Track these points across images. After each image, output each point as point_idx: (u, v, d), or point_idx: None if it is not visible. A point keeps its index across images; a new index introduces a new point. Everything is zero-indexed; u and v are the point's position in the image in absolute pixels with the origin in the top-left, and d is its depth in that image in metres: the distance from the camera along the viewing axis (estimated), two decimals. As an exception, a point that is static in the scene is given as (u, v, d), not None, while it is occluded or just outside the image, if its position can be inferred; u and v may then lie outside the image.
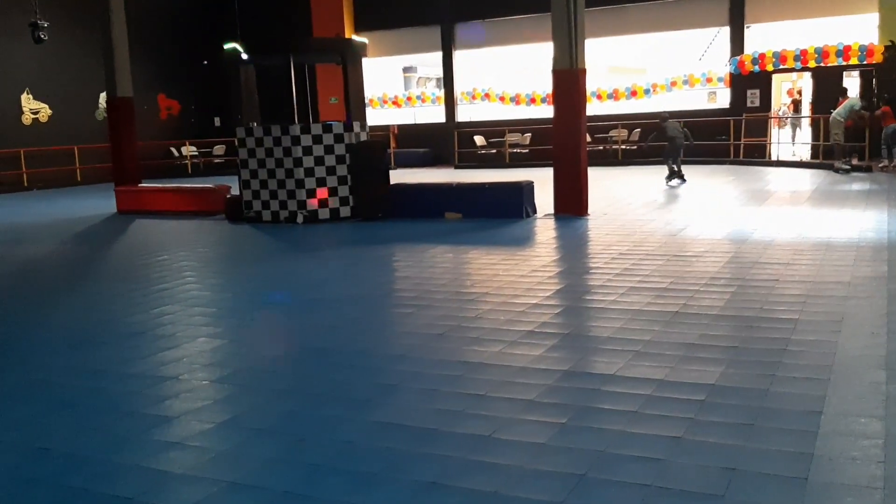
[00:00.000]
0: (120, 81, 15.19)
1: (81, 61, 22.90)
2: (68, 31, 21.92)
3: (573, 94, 11.25)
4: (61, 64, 22.77)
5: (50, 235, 12.23)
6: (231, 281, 8.21)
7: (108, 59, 15.23)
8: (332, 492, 3.13)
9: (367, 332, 5.66)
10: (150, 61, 23.79)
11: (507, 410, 3.87)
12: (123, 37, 15.24)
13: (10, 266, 9.56)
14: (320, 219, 11.86)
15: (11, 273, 9.05)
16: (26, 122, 22.50)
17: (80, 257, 10.19)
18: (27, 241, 11.79)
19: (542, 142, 21.10)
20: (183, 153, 25.76)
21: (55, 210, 16.08)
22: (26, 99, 22.48)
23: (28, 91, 22.46)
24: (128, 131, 15.48)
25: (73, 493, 3.23)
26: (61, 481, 3.35)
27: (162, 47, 25.33)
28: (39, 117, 22.80)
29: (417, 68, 29.21)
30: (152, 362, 5.05)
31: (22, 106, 22.39)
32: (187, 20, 26.74)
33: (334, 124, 12.03)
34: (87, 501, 3.16)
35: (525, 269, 7.53)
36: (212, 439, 3.77)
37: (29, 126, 22.52)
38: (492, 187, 11.79)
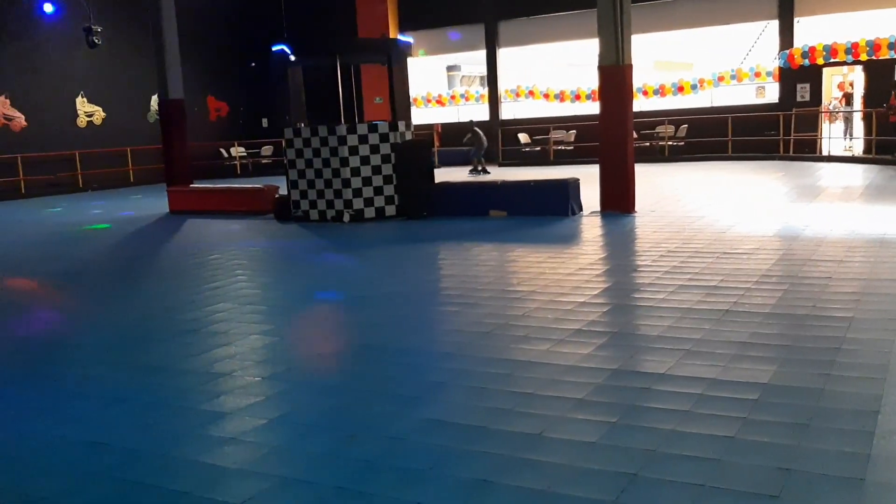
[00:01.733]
0: (171, 84, 15.49)
1: (134, 65, 23.42)
2: (121, 36, 22.44)
3: (619, 90, 11.16)
4: (114, 68, 23.32)
5: (105, 235, 12.53)
6: (281, 279, 8.33)
7: (159, 63, 15.54)
8: (382, 487, 3.16)
9: (414, 330, 5.70)
10: (200, 64, 24.21)
11: (557, 409, 3.86)
12: (174, 40, 15.54)
13: (67, 264, 9.82)
14: (366, 218, 11.95)
15: (69, 271, 9.30)
16: (81, 124, 23.10)
17: (134, 256, 10.43)
18: (84, 240, 12.10)
19: (587, 139, 20.99)
20: (232, 154, 26.17)
21: (110, 210, 16.47)
22: (81, 102, 23.08)
23: (83, 94, 23.07)
24: (179, 133, 15.78)
25: (132, 487, 3.31)
26: (120, 475, 3.44)
27: (211, 50, 25.76)
28: (94, 120, 23.39)
29: (461, 67, 29.21)
30: (206, 359, 5.15)
31: (77, 109, 23.00)
32: (235, 23, 27.15)
33: (380, 124, 12.11)
34: (145, 495, 3.24)
35: (571, 266, 7.50)
36: (264, 435, 3.84)
37: (84, 128, 23.13)
38: (537, 185, 11.75)
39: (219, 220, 13.58)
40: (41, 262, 10.11)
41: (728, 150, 20.57)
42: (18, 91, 21.43)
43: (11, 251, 11.39)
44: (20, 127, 21.57)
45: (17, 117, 21.52)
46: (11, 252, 11.28)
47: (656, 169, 18.33)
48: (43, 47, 21.92)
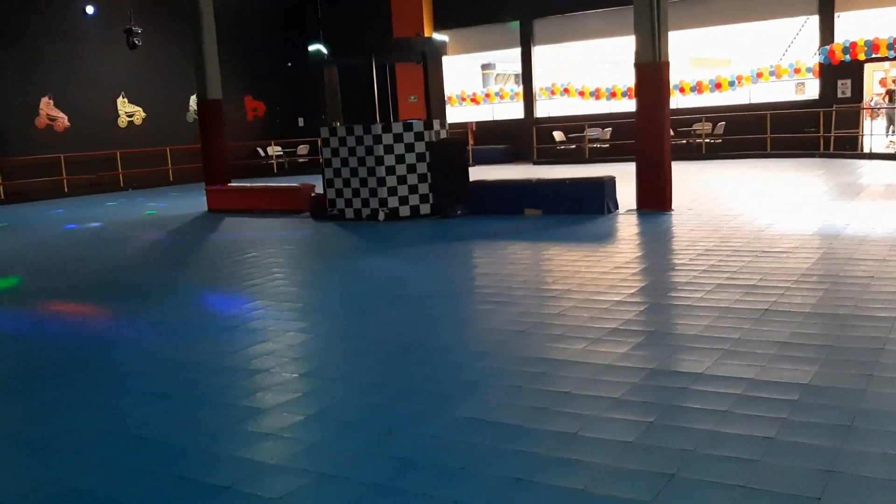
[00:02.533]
0: (210, 84, 15.69)
1: (173, 66, 23.76)
2: (160, 37, 22.77)
3: (656, 88, 11.06)
4: (154, 68, 23.69)
5: (145, 233, 12.74)
6: (317, 277, 8.40)
7: (198, 63, 15.75)
8: (419, 485, 3.18)
9: (449, 328, 5.72)
10: (238, 64, 24.48)
11: (593, 408, 3.85)
12: (213, 41, 15.73)
13: (109, 262, 10.00)
14: (401, 216, 12.00)
15: (111, 268, 9.47)
16: (122, 124, 23.51)
17: (174, 254, 10.59)
18: (124, 238, 12.31)
19: (623, 136, 20.83)
20: (268, 153, 26.44)
21: (150, 209, 16.74)
22: (122, 103, 23.50)
23: (123, 95, 23.48)
24: (217, 133, 15.98)
25: (174, 482, 3.37)
26: (162, 470, 3.51)
27: (248, 50, 26.04)
28: (134, 120, 23.79)
29: (496, 65, 29.18)
30: (245, 356, 5.22)
31: (118, 109, 23.42)
32: (272, 23, 27.42)
33: (415, 122, 12.15)
34: (187, 490, 3.29)
35: (608, 265, 7.46)
36: (302, 431, 3.88)
37: (124, 128, 23.53)
38: (572, 183, 11.70)
39: (256, 218, 13.73)
40: (84, 262, 10.31)
41: (767, 148, 20.29)
42: (61, 92, 21.88)
43: (58, 250, 11.63)
44: (63, 127, 22.01)
45: (60, 118, 21.97)
46: (60, 250, 11.52)
47: (693, 167, 18.13)
48: (85, 49, 22.35)
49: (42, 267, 9.92)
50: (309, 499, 3.14)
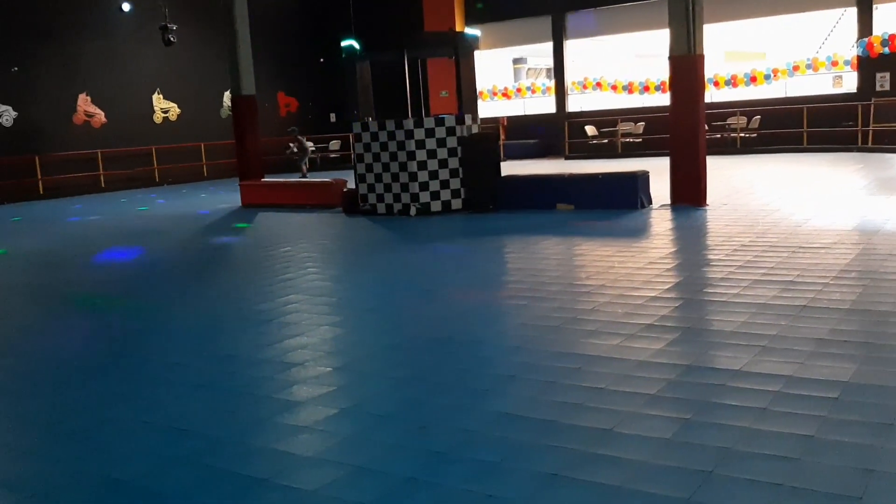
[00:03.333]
0: (244, 80, 15.82)
1: (207, 62, 24.02)
2: (195, 34, 23.02)
3: (691, 81, 10.95)
4: (189, 65, 23.97)
5: (180, 228, 12.91)
6: (350, 271, 8.45)
7: (232, 60, 15.89)
8: (454, 479, 3.18)
9: (481, 323, 5.72)
10: (271, 60, 24.67)
11: (628, 404, 3.83)
12: (246, 37, 15.86)
13: (147, 256, 10.15)
14: (432, 211, 12.01)
15: (149, 263, 9.61)
16: (157, 120, 23.82)
17: (209, 249, 10.71)
18: (162, 233, 12.48)
19: (656, 131, 20.64)
20: (300, 148, 26.57)
21: (185, 204, 16.96)
22: (157, 99, 23.80)
23: (159, 91, 23.78)
24: (251, 128, 16.11)
25: (213, 473, 3.42)
26: (201, 461, 3.55)
27: (281, 46, 26.22)
28: (169, 116, 24.09)
29: (527, 59, 29.06)
30: (279, 349, 5.27)
31: (153, 105, 23.72)
32: (304, 19, 27.57)
33: (446, 117, 12.15)
34: (225, 481, 3.33)
35: (642, 260, 7.41)
36: (337, 424, 3.90)
37: (160, 124, 23.85)
38: (605, 177, 11.62)
39: (289, 213, 13.84)
40: (123, 254, 10.46)
41: (803, 142, 19.98)
42: (98, 89, 22.22)
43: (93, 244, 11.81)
44: (100, 123, 22.36)
45: (97, 114, 22.32)
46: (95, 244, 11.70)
47: (728, 161, 17.92)
48: (121, 45, 22.67)
49: (76, 261, 10.09)
50: (345, 491, 3.16)
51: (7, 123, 20.45)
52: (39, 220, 15.64)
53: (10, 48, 20.32)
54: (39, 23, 20.89)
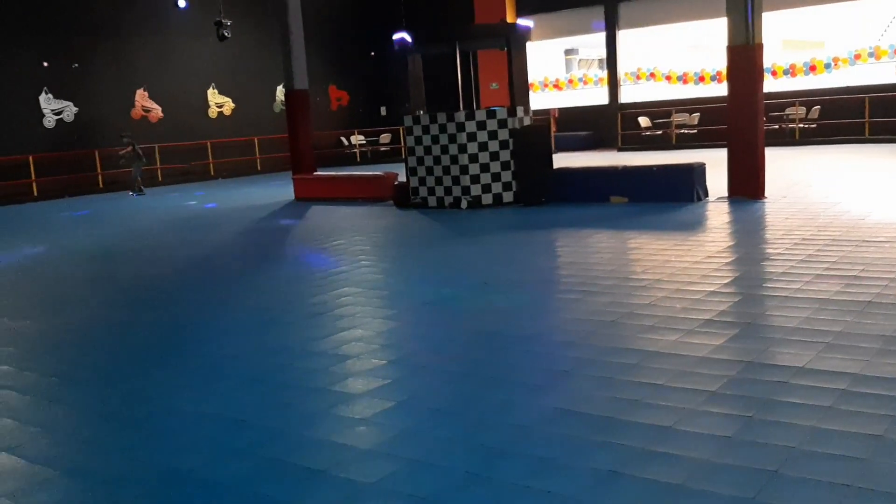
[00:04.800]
0: (296, 75, 15.98)
1: (261, 57, 24.34)
2: (249, 29, 23.31)
3: (749, 71, 10.70)
4: (243, 60, 24.32)
5: (235, 221, 13.10)
6: (402, 264, 8.47)
7: (285, 54, 16.05)
8: (511, 475, 3.16)
9: (535, 318, 5.67)
10: (322, 54, 24.89)
11: (688, 401, 3.76)
12: (300, 32, 16.00)
13: (203, 249, 10.32)
14: (483, 204, 11.98)
15: (205, 256, 9.78)
16: (212, 115, 24.22)
17: (263, 242, 10.85)
18: (217, 226, 12.69)
19: (711, 122, 20.27)
20: (352, 142, 26.80)
21: (239, 197, 17.21)
22: (212, 94, 24.20)
23: (213, 86, 24.17)
24: (304, 122, 16.27)
25: (271, 464, 3.45)
26: (259, 452, 3.59)
27: (333, 41, 26.42)
28: (224, 111, 24.47)
29: (579, 50, 28.77)
30: (334, 341, 5.31)
31: (208, 100, 24.13)
32: (355, 13, 27.73)
33: (498, 110, 12.09)
34: (284, 472, 3.37)
35: (699, 254, 7.27)
36: (393, 417, 3.91)
37: (214, 119, 24.24)
38: (660, 170, 11.44)
39: (341, 206, 13.94)
40: (174, 249, 10.67)
41: (865, 133, 19.39)
42: (155, 84, 22.68)
43: (151, 237, 12.07)
44: (157, 118, 22.82)
45: (154, 109, 22.78)
46: (165, 235, 11.96)
47: (787, 152, 17.49)
48: (177, 41, 23.09)
49: (134, 253, 10.31)
50: (402, 485, 3.17)
51: (68, 119, 21.00)
52: (102, 213, 16.03)
53: (71, 45, 20.84)
54: (98, 20, 21.39)
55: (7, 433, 4.06)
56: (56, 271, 9.32)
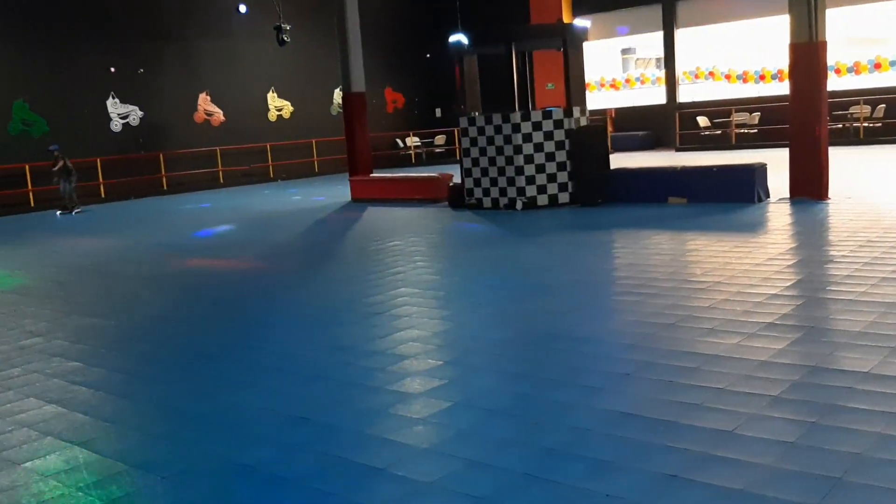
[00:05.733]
0: (354, 78, 16.16)
1: (319, 60, 24.70)
2: (307, 33, 23.66)
3: (812, 69, 10.45)
4: (301, 64, 24.72)
5: (295, 222, 13.32)
6: (458, 265, 8.50)
7: (343, 58, 16.25)
8: (570, 476, 3.17)
9: (593, 319, 5.65)
10: (378, 57, 25.11)
11: (750, 406, 3.71)
12: (357, 36, 16.19)
13: (263, 249, 10.52)
14: (539, 205, 11.95)
15: (265, 256, 9.97)
16: (272, 118, 24.67)
17: (322, 242, 11.01)
18: (277, 227, 12.92)
19: (773, 121, 19.84)
20: (407, 143, 26.99)
21: (298, 198, 17.49)
22: (272, 97, 24.65)
23: (273, 90, 24.60)
24: (361, 125, 16.44)
25: (332, 461, 3.52)
26: (320, 448, 3.67)
27: (389, 43, 26.64)
28: (283, 114, 24.90)
29: (636, 49, 28.43)
30: (391, 341, 5.37)
31: (268, 104, 24.58)
32: (411, 15, 27.92)
33: (554, 110, 12.05)
34: (344, 469, 3.43)
35: (760, 256, 7.14)
36: (450, 417, 3.95)
37: (274, 122, 24.68)
38: (720, 170, 11.26)
39: (396, 207, 14.05)
40: (237, 249, 10.89)
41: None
42: (217, 88, 23.20)
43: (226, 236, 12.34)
44: (219, 122, 23.33)
45: (216, 112, 23.30)
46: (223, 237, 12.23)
47: (851, 152, 17.02)
48: (238, 46, 23.57)
49: (200, 252, 10.57)
50: (460, 484, 3.20)
51: (134, 123, 21.61)
52: (165, 213, 16.46)
53: (137, 51, 21.44)
54: (163, 26, 21.96)
55: (80, 427, 4.22)
56: (125, 269, 9.61)
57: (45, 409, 4.55)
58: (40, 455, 3.86)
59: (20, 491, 3.47)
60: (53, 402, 4.66)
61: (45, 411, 4.51)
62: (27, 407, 4.60)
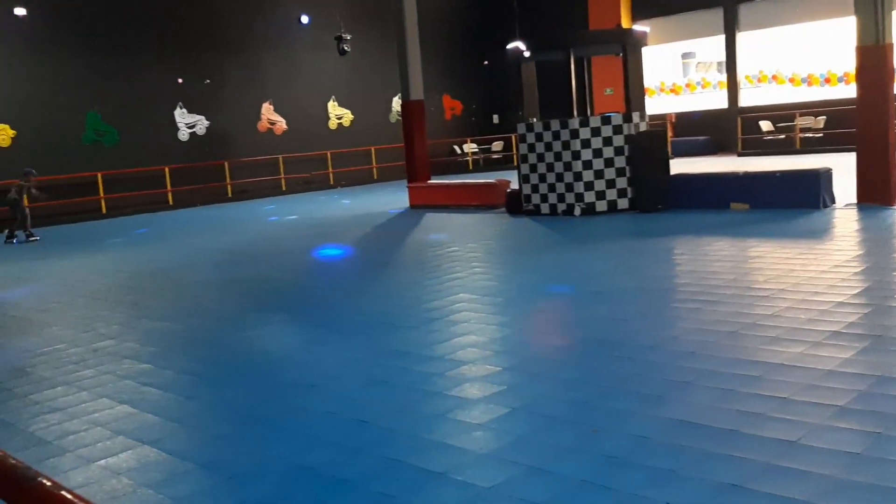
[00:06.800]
0: (412, 86, 16.32)
1: (378, 69, 25.03)
2: (367, 43, 24.00)
3: (879, 72, 10.19)
4: (361, 73, 25.07)
5: (354, 228, 13.50)
6: (516, 271, 8.52)
7: (402, 66, 16.43)
8: (630, 485, 3.16)
9: (652, 327, 5.60)
10: (437, 65, 25.31)
11: (815, 416, 3.64)
12: (416, 45, 16.35)
13: (323, 255, 10.69)
14: (597, 211, 11.88)
15: (325, 262, 10.13)
16: (332, 126, 25.07)
17: (381, 248, 11.14)
18: (336, 233, 13.10)
19: (839, 125, 19.35)
20: (464, 150, 27.09)
21: (357, 205, 17.72)
22: (332, 106, 25.05)
23: (334, 98, 25.00)
24: (419, 132, 16.59)
25: (391, 465, 3.58)
26: (380, 452, 3.73)
27: (447, 51, 26.83)
28: (343, 122, 25.28)
29: (697, 53, 28.02)
30: (450, 346, 5.41)
31: (329, 112, 24.98)
32: (469, 23, 28.06)
33: (613, 116, 11.98)
34: (404, 472, 3.48)
35: (825, 263, 6.98)
36: (509, 423, 3.97)
37: (334, 130, 25.07)
38: (783, 175, 11.03)
39: (454, 213, 14.12)
40: (296, 254, 11.09)
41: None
42: (280, 97, 23.68)
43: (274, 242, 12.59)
44: (282, 130, 23.80)
45: (279, 121, 23.78)
46: (275, 241, 12.48)
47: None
48: (300, 56, 24.03)
49: (263, 258, 10.79)
50: (519, 490, 3.22)
51: (201, 132, 22.20)
52: (232, 219, 16.85)
53: (203, 62, 22.03)
54: (228, 38, 22.52)
55: (150, 427, 4.37)
56: (192, 274, 9.88)
57: (117, 409, 4.72)
58: (113, 453, 4.01)
59: (94, 488, 3.61)
60: (125, 402, 4.83)
61: (116, 411, 4.68)
62: (100, 407, 4.78)
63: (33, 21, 19.24)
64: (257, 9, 23.10)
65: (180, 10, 21.54)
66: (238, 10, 22.72)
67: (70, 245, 14.44)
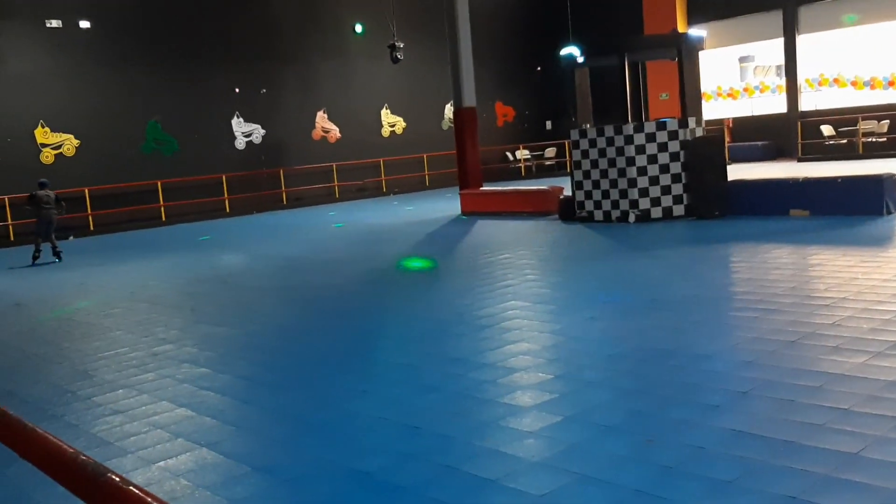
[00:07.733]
0: (465, 93, 16.37)
1: (430, 77, 25.17)
2: (419, 51, 24.15)
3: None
4: (413, 80, 25.25)
5: (407, 235, 13.57)
6: (569, 279, 8.46)
7: (454, 74, 16.49)
8: (685, 495, 3.11)
9: (710, 336, 5.51)
10: (489, 72, 25.35)
11: (877, 427, 3.54)
12: (468, 53, 16.41)
13: (377, 262, 10.78)
14: (652, 218, 11.73)
15: (379, 269, 10.21)
16: (385, 134, 25.29)
17: (433, 255, 11.18)
18: (389, 240, 13.20)
19: (905, 129, 18.76)
20: (517, 157, 27.04)
21: (410, 212, 17.82)
22: (385, 114, 25.28)
23: (387, 106, 25.23)
24: (471, 139, 16.62)
25: (443, 471, 3.59)
26: (432, 458, 3.74)
27: (499, 58, 26.86)
28: (395, 130, 25.49)
29: (755, 56, 27.50)
30: (502, 354, 5.41)
31: (381, 120, 25.21)
32: (521, 29, 28.05)
33: (668, 121, 11.83)
34: (456, 479, 3.49)
35: (889, 272, 6.78)
36: (562, 432, 3.95)
37: (387, 138, 25.28)
38: (845, 181, 10.75)
39: (506, 220, 14.10)
40: (352, 262, 11.20)
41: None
42: (334, 106, 23.99)
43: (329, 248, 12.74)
44: (335, 139, 24.10)
45: (332, 129, 24.08)
46: (330, 248, 12.63)
47: None
48: (354, 65, 24.31)
49: (320, 264, 10.93)
50: (572, 499, 3.20)
51: (257, 141, 22.62)
52: (287, 227, 17.11)
53: (260, 72, 22.46)
54: (284, 48, 22.92)
55: (208, 430, 4.46)
56: (249, 281, 10.06)
57: (176, 412, 4.84)
58: (172, 455, 4.10)
59: (154, 489, 3.70)
60: (183, 405, 4.94)
61: (176, 414, 4.79)
62: (160, 410, 4.90)
63: (97, 34, 19.86)
64: (312, 19, 23.47)
65: (237, 21, 22.00)
66: (294, 20, 23.11)
67: (132, 251, 14.81)
